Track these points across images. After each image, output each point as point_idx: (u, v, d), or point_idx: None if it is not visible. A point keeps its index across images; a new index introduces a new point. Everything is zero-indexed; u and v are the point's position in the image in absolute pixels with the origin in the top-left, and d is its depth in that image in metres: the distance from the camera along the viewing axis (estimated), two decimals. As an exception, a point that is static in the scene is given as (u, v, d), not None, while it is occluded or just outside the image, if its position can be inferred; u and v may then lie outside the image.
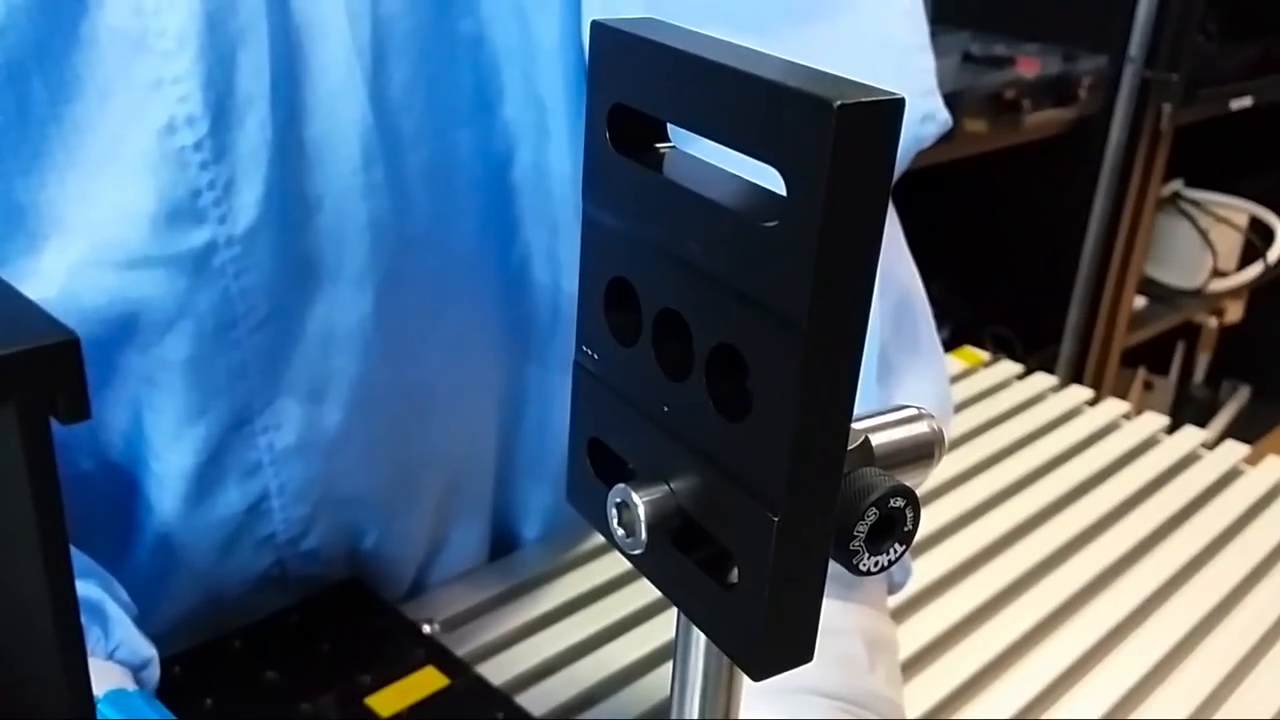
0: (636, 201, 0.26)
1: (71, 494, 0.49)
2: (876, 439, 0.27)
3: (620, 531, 0.26)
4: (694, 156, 0.26)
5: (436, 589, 0.65)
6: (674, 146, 0.27)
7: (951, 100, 1.49)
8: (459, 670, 0.55)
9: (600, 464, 0.29)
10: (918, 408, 0.28)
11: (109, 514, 0.51)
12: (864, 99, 0.21)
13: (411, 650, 0.56)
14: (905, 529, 0.25)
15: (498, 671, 0.59)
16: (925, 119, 0.52)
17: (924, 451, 0.28)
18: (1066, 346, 1.84)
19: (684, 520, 0.26)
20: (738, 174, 0.25)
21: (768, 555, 0.23)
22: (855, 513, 0.24)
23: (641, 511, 0.26)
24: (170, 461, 0.50)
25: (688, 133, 0.24)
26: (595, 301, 0.28)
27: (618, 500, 0.26)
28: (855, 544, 0.24)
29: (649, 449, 0.27)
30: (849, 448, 0.26)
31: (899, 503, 0.25)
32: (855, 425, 0.27)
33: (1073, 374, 1.84)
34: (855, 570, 0.25)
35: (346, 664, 0.55)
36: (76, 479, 0.49)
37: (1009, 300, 1.83)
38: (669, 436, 0.26)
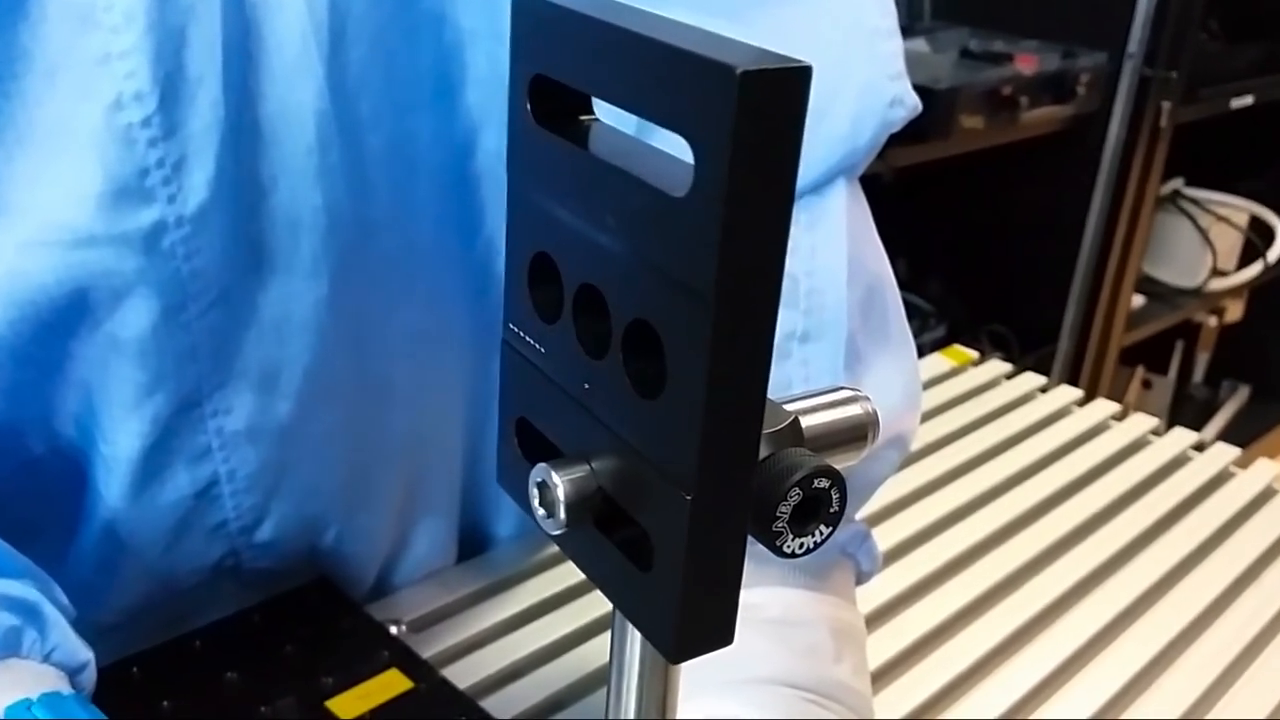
0: (557, 175, 0.25)
1: (22, 479, 0.48)
2: (807, 420, 0.26)
3: (541, 512, 0.26)
4: (617, 130, 0.25)
5: (405, 589, 0.64)
6: (598, 119, 0.26)
7: (949, 96, 1.49)
8: (424, 673, 0.54)
9: (527, 444, 0.28)
10: (853, 389, 0.28)
11: (58, 499, 0.51)
12: (768, 66, 0.20)
13: (376, 652, 0.55)
14: (831, 510, 0.24)
15: (465, 674, 0.58)
16: (894, 103, 0.51)
17: (857, 434, 0.27)
18: (1064, 345, 1.82)
19: (605, 501, 0.25)
20: (659, 146, 0.24)
21: (682, 536, 0.23)
22: (778, 493, 0.24)
23: (560, 492, 0.25)
24: (119, 444, 0.49)
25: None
26: (520, 278, 0.27)
27: (538, 480, 0.26)
28: (778, 525, 0.24)
29: (572, 428, 0.26)
30: (777, 428, 0.25)
31: (823, 483, 0.24)
32: (786, 406, 0.26)
33: (1070, 372, 1.83)
34: (779, 552, 0.24)
35: (309, 665, 0.54)
36: (28, 465, 0.49)
37: (1006, 298, 1.82)
38: (590, 415, 0.25)
